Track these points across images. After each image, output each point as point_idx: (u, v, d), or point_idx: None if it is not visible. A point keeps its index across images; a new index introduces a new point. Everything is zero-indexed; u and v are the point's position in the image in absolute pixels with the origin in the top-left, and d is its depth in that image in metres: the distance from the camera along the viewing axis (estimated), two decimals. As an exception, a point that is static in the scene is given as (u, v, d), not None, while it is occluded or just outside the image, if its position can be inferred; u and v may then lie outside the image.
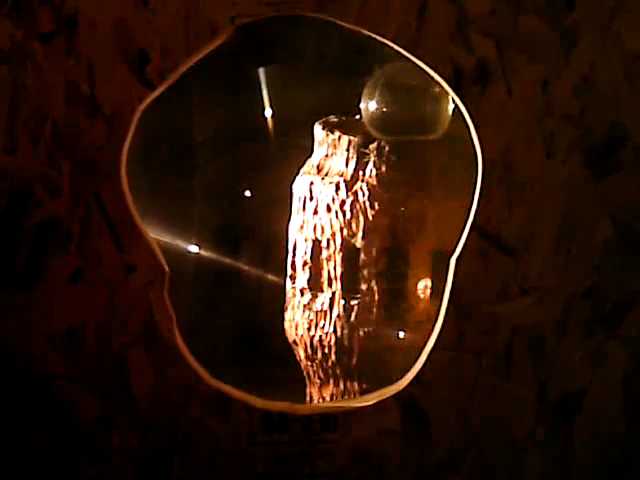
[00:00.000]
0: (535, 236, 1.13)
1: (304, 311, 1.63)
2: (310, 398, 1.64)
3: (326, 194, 1.60)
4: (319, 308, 1.61)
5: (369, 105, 1.56)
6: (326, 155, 1.63)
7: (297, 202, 1.64)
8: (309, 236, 1.62)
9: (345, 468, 1.17)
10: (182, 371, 1.15)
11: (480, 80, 1.10)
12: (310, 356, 1.63)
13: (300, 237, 1.64)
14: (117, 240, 1.12)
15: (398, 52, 1.11)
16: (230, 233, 1.85)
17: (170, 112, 1.56)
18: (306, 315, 1.62)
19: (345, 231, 1.59)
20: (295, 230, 1.64)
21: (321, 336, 1.61)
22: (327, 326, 1.61)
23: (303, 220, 1.63)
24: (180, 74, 1.12)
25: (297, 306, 1.64)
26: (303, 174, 1.64)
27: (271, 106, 1.82)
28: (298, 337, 1.64)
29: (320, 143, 1.64)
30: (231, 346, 1.79)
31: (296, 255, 1.64)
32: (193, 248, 1.81)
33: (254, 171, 1.84)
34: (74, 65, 1.10)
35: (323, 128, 1.63)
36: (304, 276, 1.63)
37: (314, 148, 1.66)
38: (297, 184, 1.64)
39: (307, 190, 1.62)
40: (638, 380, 1.16)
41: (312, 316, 1.62)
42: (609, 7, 1.10)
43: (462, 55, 1.10)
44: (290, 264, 1.65)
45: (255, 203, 1.86)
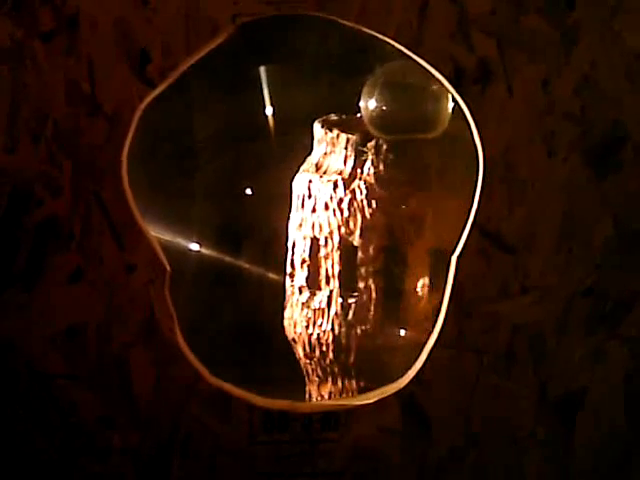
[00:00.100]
0: (536, 235, 1.13)
1: (302, 309, 1.62)
2: (309, 396, 1.64)
3: (324, 192, 1.59)
4: (317, 306, 1.61)
5: (369, 104, 1.56)
6: (325, 153, 1.62)
7: (296, 200, 1.64)
8: (307, 234, 1.62)
9: (346, 467, 1.17)
10: (183, 370, 1.15)
11: (481, 79, 1.10)
12: (308, 354, 1.63)
13: (299, 235, 1.63)
14: (118, 239, 1.12)
15: (399, 51, 1.11)
16: (231, 232, 1.85)
17: (171, 111, 1.56)
18: (304, 313, 1.62)
19: (343, 229, 1.58)
20: (294, 228, 1.64)
21: (319, 334, 1.61)
22: (325, 324, 1.60)
23: (302, 218, 1.63)
24: (181, 73, 1.12)
25: (296, 304, 1.64)
26: (302, 172, 1.64)
27: (272, 105, 1.82)
28: (297, 335, 1.64)
29: (319, 141, 1.64)
30: (232, 344, 1.79)
31: (295, 253, 1.64)
32: (194, 247, 1.81)
33: (255, 170, 1.84)
34: (75, 64, 1.10)
35: (322, 126, 1.63)
36: (302, 274, 1.63)
37: (313, 146, 1.65)
38: (296, 182, 1.64)
39: (306, 188, 1.62)
40: (639, 379, 1.16)
41: (310, 314, 1.62)
42: (610, 6, 1.10)
43: (463, 54, 1.10)
44: (289, 262, 1.65)
45: (256, 202, 1.86)
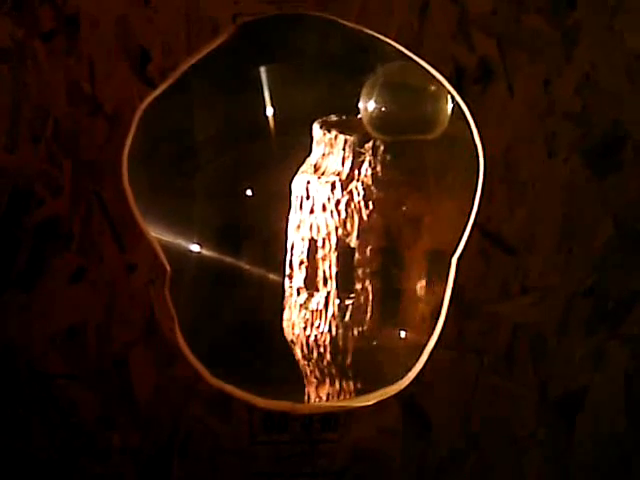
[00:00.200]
0: (536, 235, 1.13)
1: (300, 310, 1.62)
2: (308, 397, 1.64)
3: (322, 193, 1.59)
4: (315, 307, 1.61)
5: (368, 105, 1.56)
6: (323, 154, 1.62)
7: (295, 201, 1.64)
8: (305, 235, 1.62)
9: (346, 467, 1.17)
10: (183, 370, 1.15)
11: (482, 79, 1.10)
12: (306, 355, 1.63)
13: (297, 236, 1.63)
14: (118, 239, 1.12)
15: (399, 51, 1.11)
16: (231, 232, 1.85)
17: (171, 111, 1.55)
18: (302, 314, 1.62)
19: (340, 231, 1.58)
20: (293, 229, 1.64)
21: (316, 335, 1.61)
22: (322, 325, 1.60)
23: (300, 219, 1.63)
24: (181, 73, 1.12)
25: (294, 305, 1.64)
26: (301, 173, 1.64)
27: (272, 105, 1.82)
28: (295, 336, 1.64)
29: (318, 142, 1.64)
30: (232, 345, 1.78)
31: (293, 254, 1.64)
32: (194, 247, 1.81)
33: (255, 170, 1.83)
34: (75, 64, 1.10)
35: (321, 127, 1.63)
36: (300, 275, 1.62)
37: (312, 147, 1.65)
38: (295, 183, 1.64)
39: (304, 189, 1.62)
40: (639, 379, 1.16)
41: (308, 315, 1.62)
42: (611, 6, 1.10)
43: (464, 54, 1.10)
44: (288, 263, 1.65)
45: (256, 202, 1.85)
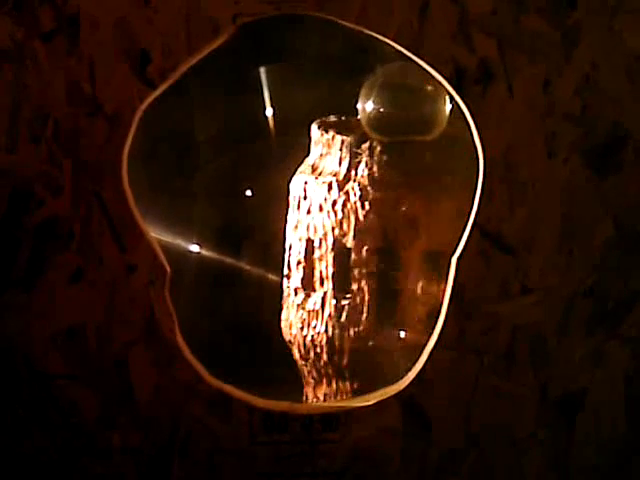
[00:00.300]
0: (536, 235, 1.13)
1: (297, 310, 1.63)
2: (306, 398, 1.64)
3: (319, 194, 1.59)
4: (312, 308, 1.61)
5: (366, 105, 1.56)
6: (321, 155, 1.63)
7: (292, 201, 1.64)
8: (303, 235, 1.62)
9: (346, 467, 1.17)
10: (183, 370, 1.15)
11: (482, 80, 1.10)
12: (304, 356, 1.63)
13: (295, 236, 1.63)
14: (118, 239, 1.12)
15: (399, 52, 1.11)
16: (231, 233, 1.85)
17: (171, 111, 1.56)
18: (299, 314, 1.62)
19: (337, 231, 1.58)
20: (290, 229, 1.64)
21: (313, 336, 1.61)
22: (319, 326, 1.60)
23: (297, 220, 1.63)
24: (181, 73, 1.12)
25: (291, 305, 1.64)
26: (299, 174, 1.64)
27: (272, 105, 1.82)
28: (292, 337, 1.64)
29: (316, 143, 1.64)
30: (232, 345, 1.78)
31: (291, 255, 1.64)
32: (194, 248, 1.81)
33: (255, 171, 1.83)
34: (75, 64, 1.10)
35: (319, 127, 1.63)
36: (298, 275, 1.63)
37: (310, 148, 1.66)
38: (293, 183, 1.64)
39: (301, 189, 1.62)
40: (639, 380, 1.16)
41: (305, 316, 1.62)
42: (611, 6, 1.10)
43: (464, 55, 1.10)
44: (286, 263, 1.65)
45: (256, 202, 1.85)
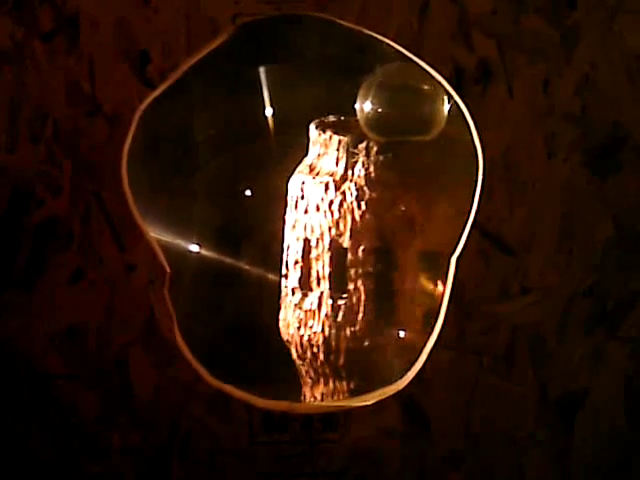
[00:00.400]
0: (536, 235, 1.13)
1: (295, 310, 1.63)
2: (304, 397, 1.64)
3: (316, 194, 1.60)
4: (308, 307, 1.61)
5: (364, 106, 1.56)
6: (318, 154, 1.63)
7: (290, 201, 1.64)
8: (300, 235, 1.62)
9: (345, 467, 1.17)
10: (182, 370, 1.15)
11: (481, 80, 1.10)
12: (301, 355, 1.63)
13: (292, 236, 1.64)
14: (118, 239, 1.12)
15: (399, 52, 1.11)
16: (231, 232, 1.85)
17: (171, 111, 1.56)
18: (296, 314, 1.62)
19: (333, 231, 1.58)
20: (288, 229, 1.64)
21: (310, 335, 1.61)
22: (315, 325, 1.60)
23: (295, 219, 1.63)
24: (181, 73, 1.12)
25: (289, 305, 1.64)
26: (297, 173, 1.64)
27: (272, 105, 1.82)
28: (290, 336, 1.64)
29: (313, 143, 1.64)
30: (231, 345, 1.78)
31: (289, 254, 1.64)
32: (194, 247, 1.81)
33: (255, 170, 1.83)
34: (75, 64, 1.10)
35: (316, 128, 1.63)
36: (295, 275, 1.63)
37: (309, 148, 1.66)
38: (291, 183, 1.64)
39: (299, 189, 1.62)
40: (639, 380, 1.16)
41: (302, 315, 1.62)
42: (610, 6, 1.10)
43: (463, 55, 1.10)
44: (284, 263, 1.65)
45: (256, 202, 1.86)
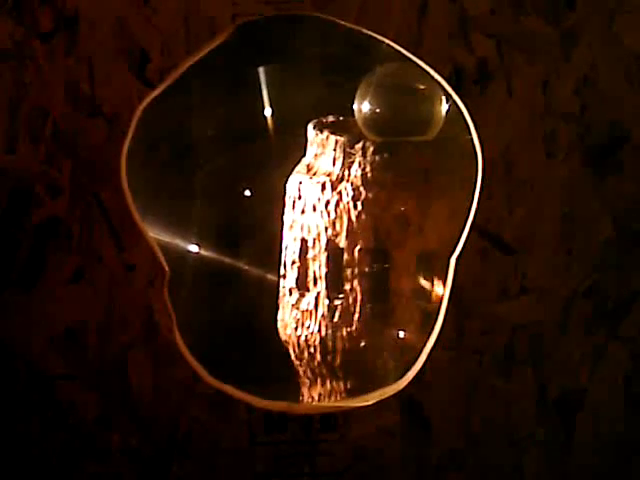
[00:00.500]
0: (535, 235, 1.13)
1: (292, 310, 1.63)
2: (302, 398, 1.64)
3: (312, 193, 1.60)
4: (305, 308, 1.61)
5: (362, 106, 1.56)
6: (315, 154, 1.63)
7: (288, 201, 1.64)
8: (297, 235, 1.62)
9: (345, 468, 1.17)
10: (182, 371, 1.15)
11: (480, 80, 1.10)
12: (298, 355, 1.63)
13: (290, 236, 1.64)
14: (117, 239, 1.12)
15: (398, 52, 1.11)
16: (230, 233, 1.85)
17: (170, 111, 1.55)
18: (293, 314, 1.62)
19: (329, 231, 1.58)
20: (286, 229, 1.64)
21: (307, 336, 1.61)
22: (312, 326, 1.60)
23: (292, 219, 1.63)
24: (180, 73, 1.12)
25: (286, 305, 1.64)
26: (295, 173, 1.64)
27: (271, 105, 1.82)
28: (287, 336, 1.64)
29: (311, 143, 1.64)
30: (231, 345, 1.78)
31: (287, 255, 1.64)
32: (193, 248, 1.81)
33: (254, 170, 1.83)
34: (74, 64, 1.10)
35: (314, 127, 1.63)
36: (293, 275, 1.63)
37: (307, 148, 1.66)
38: (289, 183, 1.64)
39: (296, 189, 1.62)
40: (638, 380, 1.16)
41: (299, 315, 1.62)
42: (609, 7, 1.10)
43: (462, 55, 1.10)
44: (282, 263, 1.65)
45: (255, 202, 1.85)
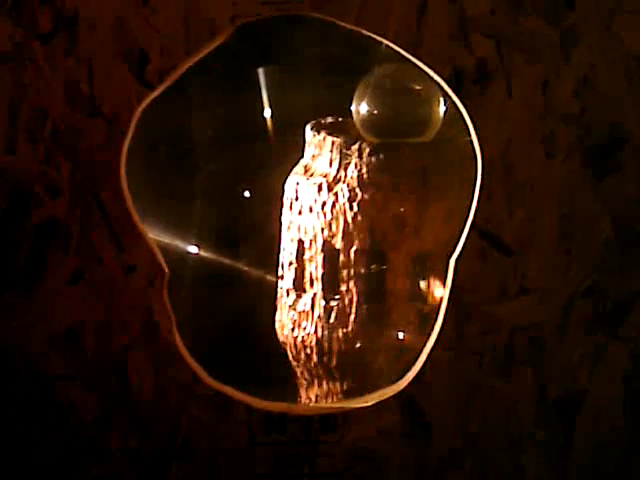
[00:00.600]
0: (535, 236, 1.13)
1: (289, 311, 1.63)
2: (300, 399, 1.64)
3: (309, 195, 1.60)
4: (302, 309, 1.61)
5: (360, 107, 1.56)
6: (313, 156, 1.63)
7: (286, 202, 1.64)
8: (294, 236, 1.62)
9: (345, 468, 1.17)
10: (181, 371, 1.15)
11: (480, 80, 1.10)
12: (295, 357, 1.63)
13: (287, 237, 1.64)
14: (117, 240, 1.12)
15: (398, 52, 1.11)
16: (230, 234, 1.85)
17: (169, 112, 1.56)
18: (290, 315, 1.62)
19: (326, 232, 1.58)
20: (284, 230, 1.64)
21: (303, 337, 1.61)
22: (309, 327, 1.60)
23: (290, 220, 1.63)
24: (180, 74, 1.12)
25: (284, 306, 1.64)
26: (293, 174, 1.64)
27: (271, 106, 1.82)
28: (285, 337, 1.64)
29: (309, 144, 1.64)
30: (231, 346, 1.78)
31: (285, 256, 1.64)
32: (192, 249, 1.81)
33: (254, 171, 1.83)
34: (74, 65, 1.10)
35: (311, 129, 1.63)
36: (290, 276, 1.63)
37: (305, 149, 1.66)
38: (287, 184, 1.64)
39: (294, 190, 1.62)
40: (638, 380, 1.16)
41: (296, 317, 1.62)
42: (609, 7, 1.10)
43: (462, 55, 1.10)
44: (280, 265, 1.65)
45: (255, 203, 1.85)
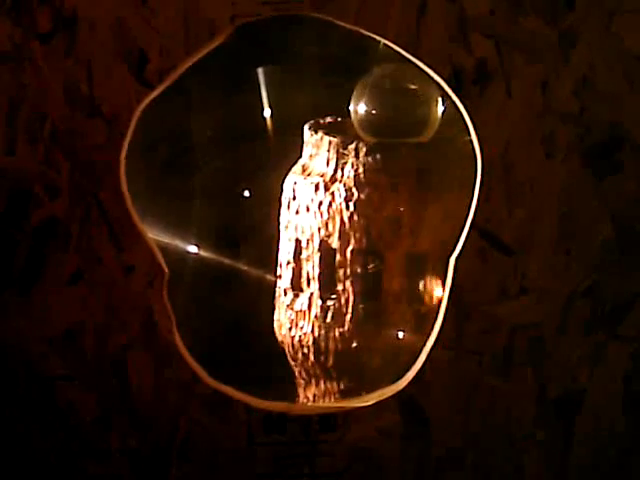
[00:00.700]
0: (534, 236, 1.13)
1: (286, 311, 1.63)
2: (298, 398, 1.64)
3: (306, 194, 1.60)
4: (299, 308, 1.61)
5: (358, 107, 1.56)
6: (310, 155, 1.63)
7: (284, 202, 1.64)
8: (292, 236, 1.62)
9: (345, 468, 1.17)
10: (181, 371, 1.15)
11: (479, 80, 1.10)
12: (293, 356, 1.63)
13: (285, 237, 1.64)
14: (116, 240, 1.12)
15: (397, 52, 1.11)
16: (229, 233, 1.85)
17: (169, 112, 1.55)
18: (288, 315, 1.62)
19: (322, 231, 1.58)
20: (282, 230, 1.64)
21: (300, 336, 1.61)
22: (306, 326, 1.60)
23: (288, 220, 1.63)
24: (179, 74, 1.12)
25: (282, 306, 1.64)
26: (291, 174, 1.64)
27: (270, 106, 1.82)
28: (282, 337, 1.64)
29: (306, 144, 1.64)
30: (230, 346, 1.78)
31: (282, 255, 1.64)
32: (192, 248, 1.81)
33: (253, 171, 1.83)
34: (73, 65, 1.10)
35: (309, 128, 1.63)
36: (287, 276, 1.63)
37: (303, 149, 1.66)
38: (285, 184, 1.64)
39: (291, 190, 1.62)
40: (638, 380, 1.16)
41: (293, 316, 1.62)
42: (608, 7, 1.10)
43: (461, 55, 1.10)
44: (279, 264, 1.65)
45: (254, 203, 1.85)
